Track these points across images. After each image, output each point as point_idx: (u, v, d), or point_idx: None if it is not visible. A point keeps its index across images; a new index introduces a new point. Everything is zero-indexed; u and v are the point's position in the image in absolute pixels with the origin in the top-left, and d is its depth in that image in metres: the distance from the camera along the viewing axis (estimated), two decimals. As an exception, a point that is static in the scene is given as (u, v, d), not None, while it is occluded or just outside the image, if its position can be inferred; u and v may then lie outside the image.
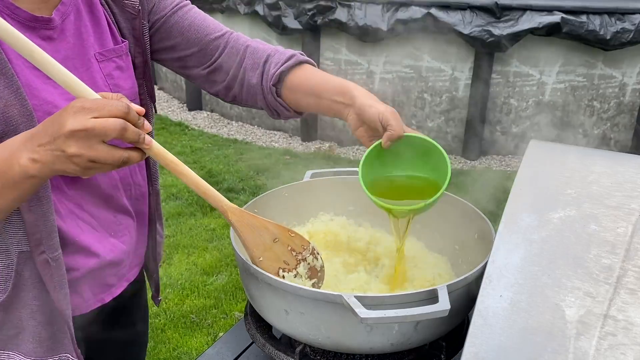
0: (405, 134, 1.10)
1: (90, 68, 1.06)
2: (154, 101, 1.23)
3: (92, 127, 0.79)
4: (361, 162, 1.11)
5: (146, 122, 0.87)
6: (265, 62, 1.22)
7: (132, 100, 1.10)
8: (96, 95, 0.85)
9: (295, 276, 1.09)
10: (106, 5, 1.11)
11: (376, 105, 1.10)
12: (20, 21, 0.97)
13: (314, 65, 1.25)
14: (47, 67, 0.84)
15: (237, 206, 1.06)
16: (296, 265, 1.09)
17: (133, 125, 0.84)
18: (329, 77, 1.19)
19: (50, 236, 1.00)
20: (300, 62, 1.22)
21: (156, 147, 0.91)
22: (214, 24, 1.25)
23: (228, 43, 1.24)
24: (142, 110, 0.86)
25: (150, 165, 1.27)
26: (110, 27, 1.11)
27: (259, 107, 1.28)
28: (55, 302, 1.03)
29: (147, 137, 0.87)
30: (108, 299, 1.21)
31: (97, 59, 1.08)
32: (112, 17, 1.12)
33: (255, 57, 1.22)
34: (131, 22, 1.14)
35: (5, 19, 0.93)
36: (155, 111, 1.27)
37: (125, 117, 0.82)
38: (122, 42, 1.13)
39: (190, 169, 0.98)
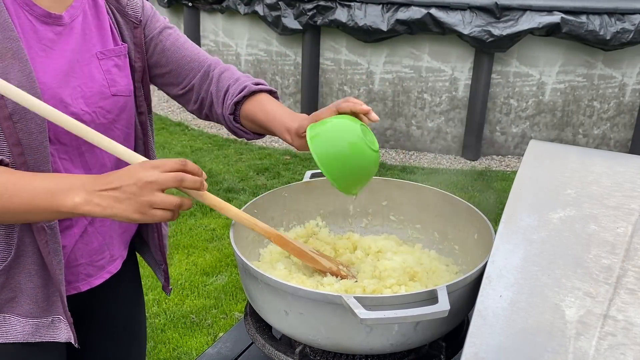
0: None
1: (91, 64, 1.19)
2: (149, 103, 1.34)
3: (157, 179, 0.94)
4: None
5: (203, 172, 1.03)
6: (226, 92, 1.33)
7: (128, 97, 1.24)
8: (143, 158, 1.02)
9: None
10: (111, 14, 1.25)
11: (301, 123, 1.21)
12: (36, 16, 1.10)
13: (271, 93, 1.35)
14: (104, 143, 1.01)
15: (281, 234, 1.17)
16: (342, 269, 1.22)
17: (193, 175, 0.99)
18: (276, 110, 1.29)
19: None
20: (253, 92, 1.32)
21: (209, 196, 1.05)
22: (192, 48, 1.37)
23: (201, 68, 1.36)
24: (199, 169, 1.01)
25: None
26: (112, 32, 1.24)
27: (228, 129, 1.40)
28: (49, 267, 1.13)
29: (204, 184, 1.00)
30: (84, 288, 1.26)
31: (98, 57, 1.20)
32: (115, 23, 1.25)
33: (219, 86, 1.34)
34: (132, 31, 1.27)
35: (23, 13, 1.07)
36: (150, 112, 1.37)
37: (184, 169, 0.97)
38: (122, 44, 1.25)
39: (236, 209, 1.11)
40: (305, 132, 1.15)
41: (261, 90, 1.33)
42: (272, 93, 1.35)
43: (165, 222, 1.07)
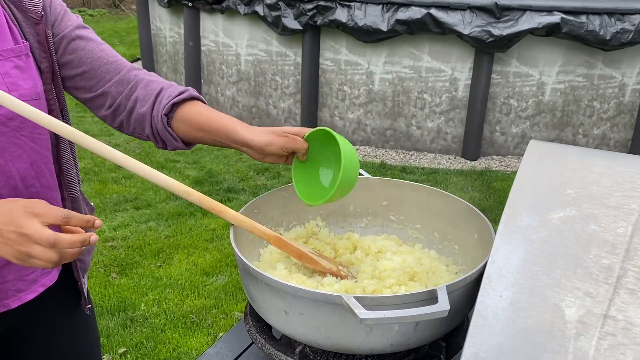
0: (306, 135, 1.21)
1: None
2: (62, 107, 1.24)
3: (32, 234, 0.91)
4: (294, 181, 1.27)
5: (93, 222, 0.98)
6: (159, 93, 1.24)
7: (35, 100, 1.12)
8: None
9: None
10: (7, 8, 1.12)
11: (268, 137, 1.18)
12: None
13: (204, 103, 1.29)
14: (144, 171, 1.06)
15: (280, 236, 1.17)
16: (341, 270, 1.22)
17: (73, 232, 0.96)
18: (214, 116, 1.23)
19: None
20: (192, 98, 1.25)
21: (207, 199, 1.10)
22: (108, 50, 1.27)
23: (118, 72, 1.25)
24: (85, 222, 0.97)
25: (64, 170, 1.24)
26: (10, 28, 1.12)
27: (144, 137, 1.29)
28: None
29: (91, 239, 0.96)
30: (14, 304, 1.19)
31: None
32: (13, 19, 1.13)
33: (148, 89, 1.25)
34: (34, 27, 1.14)
35: None
36: (65, 117, 1.27)
37: (67, 223, 0.95)
38: (23, 43, 1.13)
39: (234, 212, 1.11)
40: (275, 148, 1.18)
41: (199, 98, 1.28)
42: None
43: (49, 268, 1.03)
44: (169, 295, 3.15)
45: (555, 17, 4.73)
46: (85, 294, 1.35)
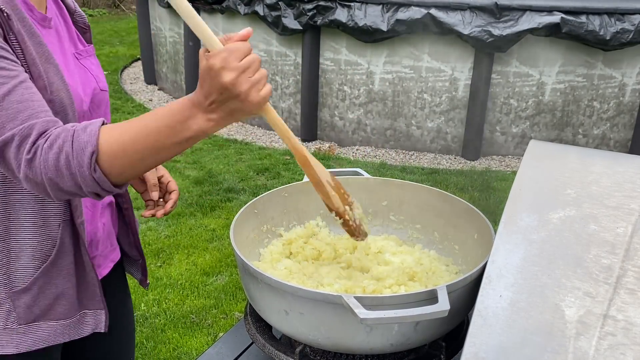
0: None
1: (76, 62, 1.20)
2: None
3: (243, 65, 0.89)
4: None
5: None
6: None
7: (106, 92, 1.26)
8: (219, 44, 0.92)
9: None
10: (69, 16, 1.27)
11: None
12: (36, 20, 1.10)
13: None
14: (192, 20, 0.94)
15: (308, 156, 1.13)
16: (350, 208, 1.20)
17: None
18: None
19: (80, 204, 1.15)
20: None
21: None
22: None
23: None
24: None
25: None
26: (77, 34, 1.27)
27: None
28: (85, 261, 1.17)
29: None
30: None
31: (76, 57, 1.21)
32: (75, 26, 1.27)
33: None
34: (84, 35, 1.29)
35: (28, 18, 1.06)
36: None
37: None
38: (88, 45, 1.28)
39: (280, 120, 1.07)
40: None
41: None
42: None
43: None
44: (169, 295, 3.15)
45: (555, 17, 4.72)
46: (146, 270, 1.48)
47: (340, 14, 5.06)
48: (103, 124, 0.95)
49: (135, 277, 1.48)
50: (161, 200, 1.41)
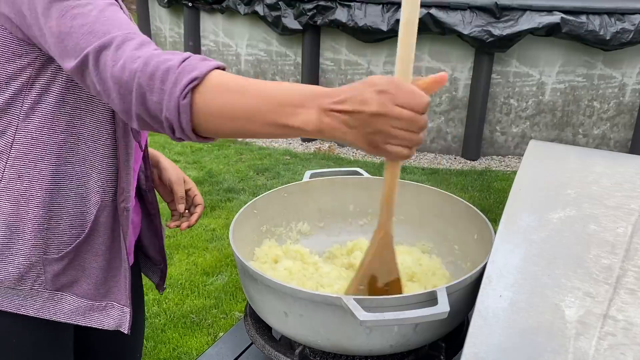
0: None
1: None
2: None
3: (399, 113, 0.79)
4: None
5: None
6: None
7: None
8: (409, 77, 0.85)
9: None
10: None
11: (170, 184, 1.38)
12: None
13: None
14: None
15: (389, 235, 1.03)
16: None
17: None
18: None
19: (129, 188, 1.15)
20: None
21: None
22: None
23: None
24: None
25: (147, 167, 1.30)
26: None
27: None
28: (122, 249, 1.16)
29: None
30: None
31: None
32: None
33: None
34: None
35: None
36: None
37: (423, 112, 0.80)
38: None
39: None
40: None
41: None
42: None
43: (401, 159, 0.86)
44: (168, 295, 3.15)
45: (555, 17, 4.72)
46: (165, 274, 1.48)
47: (340, 14, 5.05)
48: (224, 69, 0.88)
49: (153, 281, 1.48)
50: (187, 212, 1.43)
